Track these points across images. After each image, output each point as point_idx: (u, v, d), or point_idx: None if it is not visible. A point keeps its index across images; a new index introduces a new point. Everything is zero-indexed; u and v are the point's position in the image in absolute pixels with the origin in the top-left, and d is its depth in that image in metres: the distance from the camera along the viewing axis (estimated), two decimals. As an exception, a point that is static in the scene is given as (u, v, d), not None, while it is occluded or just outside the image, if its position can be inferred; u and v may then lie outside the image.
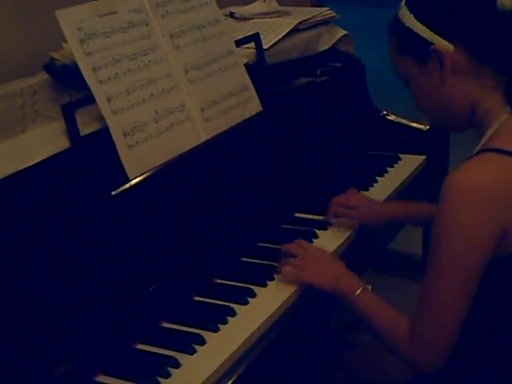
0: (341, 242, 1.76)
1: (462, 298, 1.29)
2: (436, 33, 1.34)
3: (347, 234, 1.79)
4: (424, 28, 1.34)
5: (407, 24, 1.37)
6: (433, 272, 1.30)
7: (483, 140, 1.35)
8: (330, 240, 1.77)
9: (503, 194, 1.26)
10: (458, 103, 1.39)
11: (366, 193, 2.01)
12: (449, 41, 1.33)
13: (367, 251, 1.82)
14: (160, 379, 1.31)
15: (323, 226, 1.82)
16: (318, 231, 1.79)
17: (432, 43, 1.34)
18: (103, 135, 1.52)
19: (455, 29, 1.33)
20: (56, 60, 1.67)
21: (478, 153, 1.33)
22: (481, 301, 1.30)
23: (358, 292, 1.45)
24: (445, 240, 1.28)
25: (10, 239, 1.31)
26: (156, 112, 1.63)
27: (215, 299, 1.54)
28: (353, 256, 1.77)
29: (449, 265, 1.27)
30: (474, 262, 1.27)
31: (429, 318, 1.31)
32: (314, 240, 1.76)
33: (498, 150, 1.29)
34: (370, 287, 1.47)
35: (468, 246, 1.26)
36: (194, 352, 1.38)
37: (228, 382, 1.35)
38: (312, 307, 1.62)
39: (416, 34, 1.35)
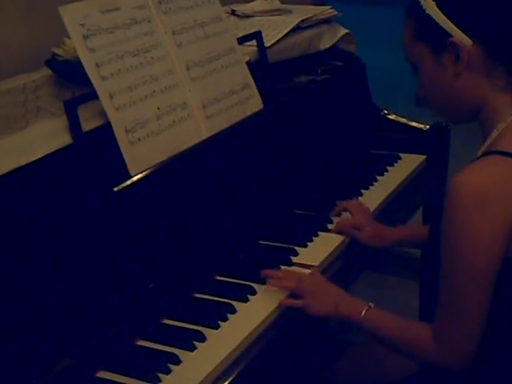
0: (340, 241, 1.76)
1: (480, 297, 1.29)
2: (456, 25, 1.32)
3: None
4: (445, 18, 1.33)
5: (428, 11, 1.34)
6: (449, 275, 1.31)
7: (488, 141, 1.35)
8: (330, 239, 1.77)
9: (509, 196, 1.26)
10: (466, 98, 1.38)
11: (366, 191, 2.01)
12: (468, 35, 1.32)
13: (367, 251, 1.82)
14: (160, 375, 1.31)
15: (324, 224, 1.82)
16: (318, 231, 1.79)
17: (451, 35, 1.33)
18: (105, 131, 1.52)
19: (477, 24, 1.32)
20: (58, 56, 1.67)
21: (482, 155, 1.32)
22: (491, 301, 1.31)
23: (363, 313, 1.45)
24: (457, 244, 1.28)
25: (12, 235, 1.31)
26: (158, 109, 1.63)
27: (215, 296, 1.54)
28: (353, 256, 1.78)
29: (464, 268, 1.28)
30: (488, 263, 1.27)
31: (452, 320, 1.32)
32: (314, 238, 1.76)
33: (503, 153, 1.29)
34: (372, 305, 1.46)
35: (481, 248, 1.26)
36: (194, 349, 1.38)
37: (228, 378, 1.35)
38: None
39: (435, 22, 1.34)
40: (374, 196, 1.99)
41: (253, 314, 1.49)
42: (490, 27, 1.32)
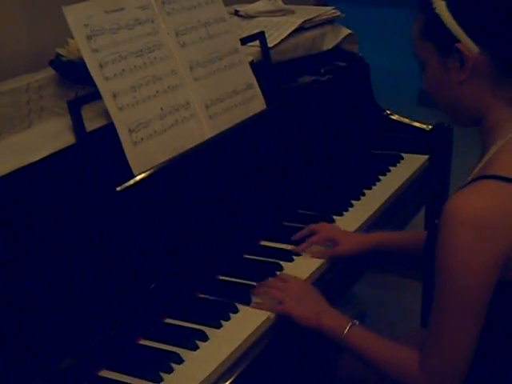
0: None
1: (471, 326, 1.26)
2: (464, 30, 1.27)
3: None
4: (454, 22, 1.27)
5: (437, 10, 1.29)
6: (441, 303, 1.27)
7: (485, 157, 1.31)
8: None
9: (504, 222, 1.23)
10: (468, 105, 1.34)
11: (368, 191, 2.02)
12: (475, 43, 1.27)
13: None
14: (162, 374, 1.32)
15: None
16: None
17: (458, 40, 1.27)
18: (109, 131, 1.52)
19: (486, 32, 1.27)
20: (62, 56, 1.68)
21: (477, 178, 1.27)
22: (485, 325, 1.27)
23: (346, 330, 1.39)
24: (451, 273, 1.24)
25: (14, 234, 1.31)
26: (161, 109, 1.64)
27: (218, 296, 1.55)
28: (352, 256, 1.77)
29: (457, 296, 1.24)
30: (481, 292, 1.24)
31: (440, 349, 1.28)
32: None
33: (498, 177, 1.24)
34: (357, 322, 1.41)
35: (475, 277, 1.23)
36: (196, 348, 1.39)
37: (230, 378, 1.36)
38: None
39: (444, 24, 1.28)
40: (376, 196, 2.00)
41: (255, 313, 1.49)
42: (500, 37, 1.27)
